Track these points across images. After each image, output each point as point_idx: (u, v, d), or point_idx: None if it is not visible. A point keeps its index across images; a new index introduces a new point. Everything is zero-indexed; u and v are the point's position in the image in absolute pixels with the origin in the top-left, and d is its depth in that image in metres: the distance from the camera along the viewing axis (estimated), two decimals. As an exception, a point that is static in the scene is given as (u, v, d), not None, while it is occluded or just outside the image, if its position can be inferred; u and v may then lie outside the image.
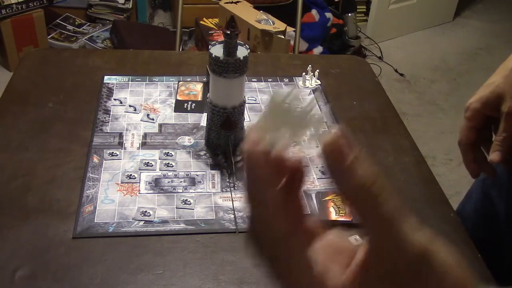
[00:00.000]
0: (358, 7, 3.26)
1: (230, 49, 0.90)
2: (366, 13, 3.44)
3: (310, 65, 1.22)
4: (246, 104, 1.06)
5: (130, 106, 1.10)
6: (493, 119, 0.77)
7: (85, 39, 2.81)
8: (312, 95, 1.19)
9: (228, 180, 0.93)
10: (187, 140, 1.02)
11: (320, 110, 1.14)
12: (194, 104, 1.12)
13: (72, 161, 0.94)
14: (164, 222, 0.84)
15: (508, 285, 0.84)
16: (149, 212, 0.85)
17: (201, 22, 2.29)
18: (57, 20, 2.95)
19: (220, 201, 0.89)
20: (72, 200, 0.86)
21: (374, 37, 3.30)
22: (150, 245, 0.80)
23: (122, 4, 2.97)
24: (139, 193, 0.89)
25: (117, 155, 0.97)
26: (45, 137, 0.99)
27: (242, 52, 0.92)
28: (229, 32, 0.88)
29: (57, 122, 1.03)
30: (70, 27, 2.93)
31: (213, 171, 0.95)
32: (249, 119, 1.09)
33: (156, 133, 1.03)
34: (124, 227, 0.83)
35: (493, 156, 0.73)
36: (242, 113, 0.98)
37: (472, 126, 0.77)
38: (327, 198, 0.91)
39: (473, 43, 3.57)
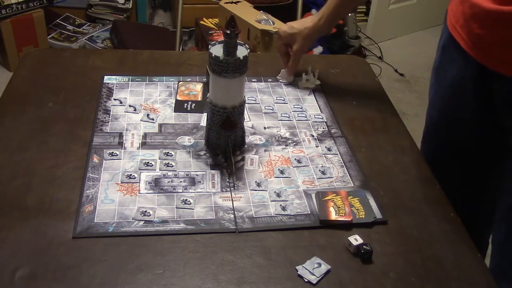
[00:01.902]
0: (358, 7, 3.26)
1: (230, 49, 0.90)
2: (366, 13, 3.43)
3: (310, 65, 1.22)
4: (246, 104, 1.06)
5: (130, 106, 1.10)
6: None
7: (85, 39, 2.81)
8: (312, 95, 1.19)
9: (228, 180, 0.93)
10: (187, 140, 1.02)
11: (320, 110, 1.14)
12: (194, 104, 1.12)
13: (72, 161, 0.94)
14: (164, 222, 0.84)
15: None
16: (149, 212, 0.85)
17: (201, 22, 2.28)
18: (57, 20, 2.95)
19: (220, 201, 0.89)
20: (72, 200, 0.86)
21: (374, 37, 3.30)
22: (150, 245, 0.80)
23: (122, 4, 2.97)
24: (139, 193, 0.89)
25: (117, 155, 0.97)
26: (45, 137, 0.99)
27: (242, 52, 0.92)
28: (229, 32, 0.88)
29: (57, 122, 1.03)
30: (70, 27, 2.93)
31: (213, 171, 0.95)
32: (249, 119, 1.09)
33: (156, 133, 1.03)
34: (124, 227, 0.83)
35: (287, 71, 1.23)
36: (242, 113, 0.98)
37: (281, 43, 1.21)
38: (327, 198, 0.91)
39: (473, 43, 3.56)
